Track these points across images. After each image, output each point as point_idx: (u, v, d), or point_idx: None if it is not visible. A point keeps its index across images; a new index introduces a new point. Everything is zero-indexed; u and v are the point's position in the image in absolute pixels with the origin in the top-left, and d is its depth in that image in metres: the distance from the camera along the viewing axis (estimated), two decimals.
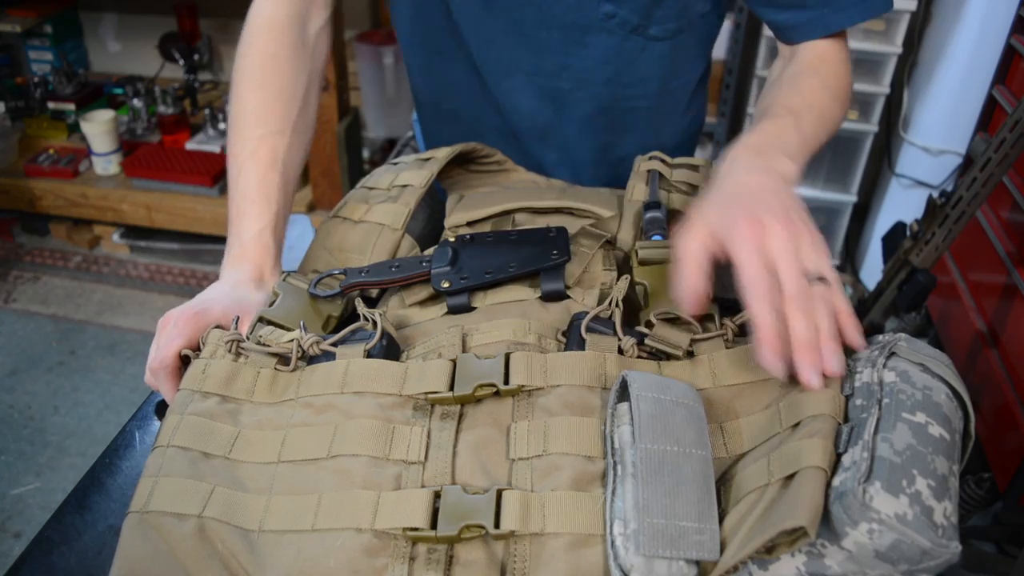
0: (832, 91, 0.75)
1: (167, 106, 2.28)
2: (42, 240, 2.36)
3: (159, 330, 0.63)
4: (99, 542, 0.53)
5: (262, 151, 0.72)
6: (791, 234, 0.52)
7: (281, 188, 0.72)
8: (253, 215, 0.70)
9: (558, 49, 0.82)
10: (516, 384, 0.53)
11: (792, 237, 0.52)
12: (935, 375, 0.49)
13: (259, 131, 0.73)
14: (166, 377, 0.61)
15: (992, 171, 1.22)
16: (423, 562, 0.45)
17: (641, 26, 0.80)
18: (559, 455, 0.49)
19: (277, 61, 0.76)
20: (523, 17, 0.81)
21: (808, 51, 0.77)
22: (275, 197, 0.71)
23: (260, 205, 0.70)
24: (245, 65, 0.76)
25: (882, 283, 1.47)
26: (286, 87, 0.76)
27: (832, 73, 0.76)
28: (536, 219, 0.76)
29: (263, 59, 0.76)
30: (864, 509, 0.42)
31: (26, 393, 1.81)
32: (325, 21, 0.83)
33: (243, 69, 0.76)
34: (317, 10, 0.82)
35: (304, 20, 0.80)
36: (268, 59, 0.76)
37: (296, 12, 0.79)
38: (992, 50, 1.63)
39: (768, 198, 0.56)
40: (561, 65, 0.84)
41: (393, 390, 0.54)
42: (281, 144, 0.73)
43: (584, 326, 0.56)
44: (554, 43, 0.82)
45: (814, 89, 0.73)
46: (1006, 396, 1.32)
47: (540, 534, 0.46)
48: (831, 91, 0.75)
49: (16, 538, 1.49)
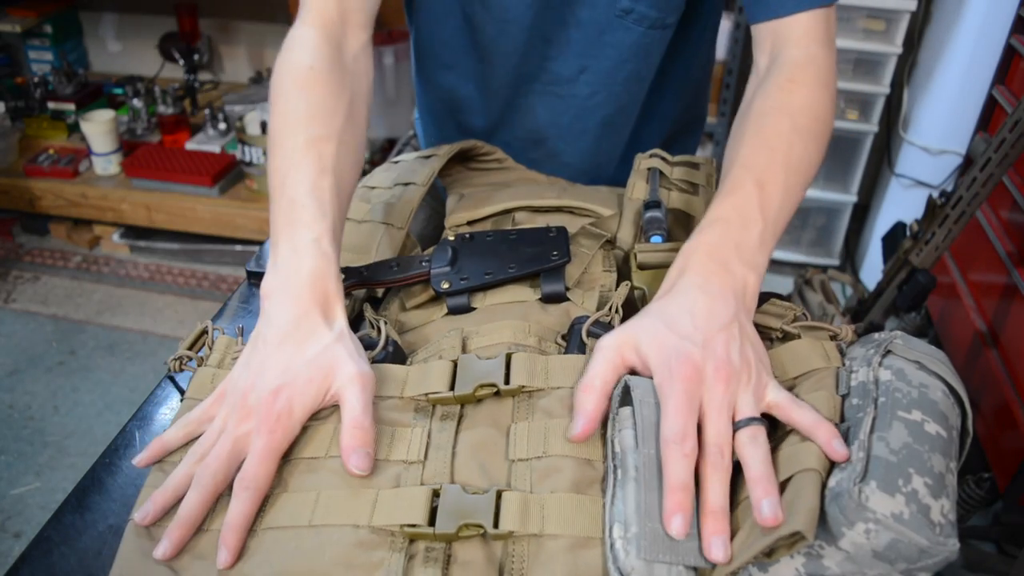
0: (804, 129, 0.66)
1: (167, 106, 2.28)
2: (42, 240, 2.37)
3: (223, 421, 0.51)
4: (99, 542, 0.53)
5: (309, 157, 0.61)
6: (728, 386, 0.48)
7: (335, 195, 0.61)
8: (306, 221, 0.58)
9: (576, 52, 0.82)
10: (517, 384, 0.53)
11: (727, 387, 0.48)
12: (931, 372, 0.49)
13: (301, 137, 0.62)
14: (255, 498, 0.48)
15: (992, 171, 1.22)
16: (421, 560, 0.45)
17: (658, 19, 0.79)
18: (559, 457, 0.49)
19: (313, 73, 0.66)
20: (543, 21, 0.80)
21: (779, 71, 0.69)
22: (329, 202, 0.60)
23: (313, 211, 0.59)
24: (280, 82, 0.67)
25: (882, 283, 1.48)
26: (326, 98, 0.65)
27: (804, 100, 0.67)
28: (536, 218, 0.76)
29: (297, 72, 0.66)
30: (860, 509, 0.42)
31: (26, 393, 1.81)
32: (364, 43, 0.74)
33: (277, 85, 0.67)
34: (353, 31, 0.73)
35: (339, 42, 0.71)
36: (303, 71, 0.66)
37: (330, 34, 0.70)
38: (992, 50, 1.63)
39: (712, 338, 0.51)
40: (579, 68, 0.83)
41: (394, 393, 0.54)
42: (328, 149, 0.62)
43: (585, 331, 0.56)
44: (573, 46, 0.82)
45: (782, 135, 0.64)
46: (1006, 396, 1.32)
47: (539, 535, 0.46)
48: (803, 130, 0.65)
49: (16, 538, 1.49)
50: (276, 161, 0.62)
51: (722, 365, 0.49)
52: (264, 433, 0.49)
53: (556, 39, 0.82)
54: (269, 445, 0.49)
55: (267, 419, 0.49)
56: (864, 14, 1.87)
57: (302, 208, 0.59)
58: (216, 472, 0.49)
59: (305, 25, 0.70)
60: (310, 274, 0.56)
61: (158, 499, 0.49)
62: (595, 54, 0.82)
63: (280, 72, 0.68)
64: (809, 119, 0.66)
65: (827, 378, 0.51)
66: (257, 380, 0.51)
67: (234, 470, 0.49)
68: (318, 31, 0.69)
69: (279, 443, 0.50)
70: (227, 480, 0.49)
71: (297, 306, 0.55)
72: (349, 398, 0.51)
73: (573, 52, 0.82)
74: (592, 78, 0.84)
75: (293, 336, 0.53)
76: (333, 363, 0.52)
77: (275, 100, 0.66)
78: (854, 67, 1.94)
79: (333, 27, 0.71)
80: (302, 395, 0.51)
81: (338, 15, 0.72)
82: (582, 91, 0.85)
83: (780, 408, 0.49)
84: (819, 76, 0.68)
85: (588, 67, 0.83)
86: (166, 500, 0.49)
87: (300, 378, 0.51)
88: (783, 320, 0.57)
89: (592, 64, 0.83)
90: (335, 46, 0.70)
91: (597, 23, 0.80)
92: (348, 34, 0.72)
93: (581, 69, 0.83)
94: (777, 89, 0.67)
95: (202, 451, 0.51)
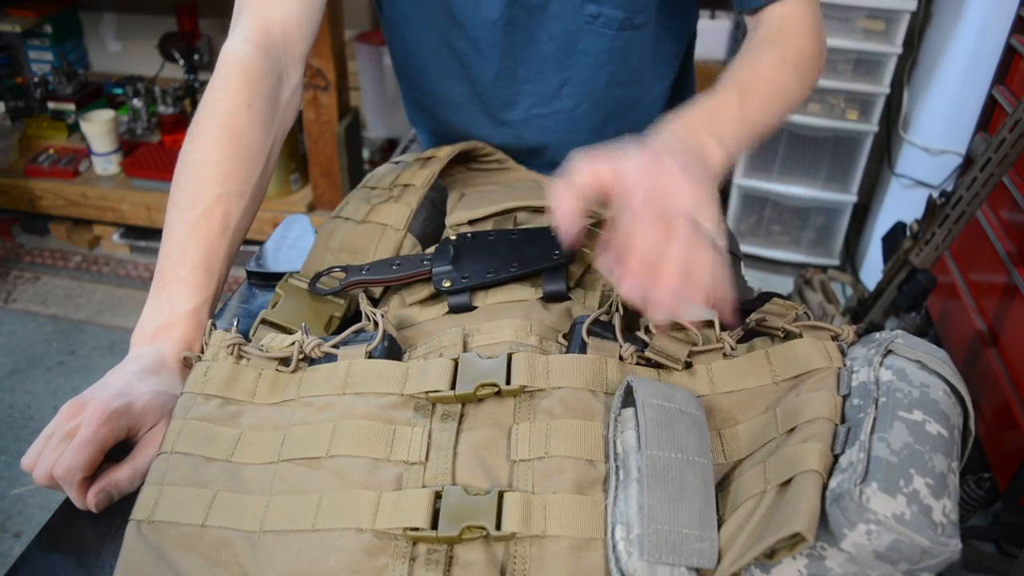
0: (791, 63, 0.71)
1: (167, 106, 2.28)
2: (42, 240, 2.36)
3: (61, 420, 0.54)
4: (99, 542, 0.53)
5: (216, 213, 0.64)
6: (695, 195, 0.53)
7: (227, 259, 0.66)
8: (194, 285, 0.62)
9: (553, 65, 0.83)
10: (518, 385, 0.53)
11: (694, 198, 0.53)
12: (932, 372, 0.49)
13: (218, 190, 0.65)
14: (73, 488, 0.51)
15: (992, 171, 1.22)
16: (423, 562, 0.45)
17: (627, 20, 0.80)
18: (561, 458, 0.49)
19: (251, 113, 0.68)
20: (513, 42, 0.81)
21: (769, 20, 0.74)
22: (219, 269, 0.64)
23: (203, 276, 0.62)
24: (217, 108, 0.68)
25: (882, 283, 1.48)
26: (254, 145, 0.68)
27: (793, 43, 0.73)
28: (538, 218, 0.76)
29: (236, 108, 0.68)
30: (861, 510, 0.42)
31: (26, 393, 1.80)
32: (298, 82, 0.76)
33: (214, 112, 0.68)
34: (292, 68, 0.75)
35: (280, 75, 0.73)
36: (242, 109, 0.68)
37: (272, 64, 0.72)
38: (992, 50, 1.63)
39: (682, 187, 0.54)
40: (560, 82, 0.84)
41: (394, 390, 0.54)
42: (237, 209, 0.66)
43: (586, 329, 0.56)
44: (549, 61, 0.82)
45: (770, 62, 0.70)
46: (1006, 396, 1.32)
47: (541, 536, 0.46)
48: (789, 63, 0.71)
49: (16, 538, 1.49)
50: (188, 198, 0.65)
51: (690, 167, 0.54)
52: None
53: (531, 58, 0.83)
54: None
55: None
56: (864, 14, 1.87)
57: (193, 270, 0.62)
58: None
59: (249, 43, 0.71)
60: (181, 339, 0.60)
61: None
62: (572, 64, 0.82)
63: (216, 99, 0.68)
64: (795, 54, 0.72)
65: (828, 378, 0.51)
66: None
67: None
68: (263, 57, 0.71)
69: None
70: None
71: (160, 358, 0.59)
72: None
73: (550, 68, 0.83)
74: (574, 89, 0.84)
75: (153, 385, 0.57)
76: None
77: (202, 131, 0.67)
78: (854, 67, 1.94)
79: (276, 51, 0.72)
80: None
81: (281, 40, 0.73)
82: (566, 104, 0.85)
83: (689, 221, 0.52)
84: (804, 27, 0.74)
85: (568, 79, 0.84)
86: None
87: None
88: (784, 319, 0.57)
89: (571, 75, 0.83)
90: (276, 76, 0.72)
91: (568, 34, 0.80)
92: (290, 67, 0.74)
93: (562, 83, 0.84)
94: (766, 31, 0.74)
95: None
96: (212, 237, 0.64)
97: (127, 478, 0.53)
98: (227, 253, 0.65)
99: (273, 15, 0.73)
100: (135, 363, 0.58)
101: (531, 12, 0.80)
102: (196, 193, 0.65)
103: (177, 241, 0.63)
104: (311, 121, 2.06)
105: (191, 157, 0.66)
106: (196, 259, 0.63)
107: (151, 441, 0.55)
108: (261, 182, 0.70)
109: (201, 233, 0.63)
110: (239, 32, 0.72)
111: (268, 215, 2.04)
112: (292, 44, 0.74)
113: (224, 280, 0.66)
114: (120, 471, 0.53)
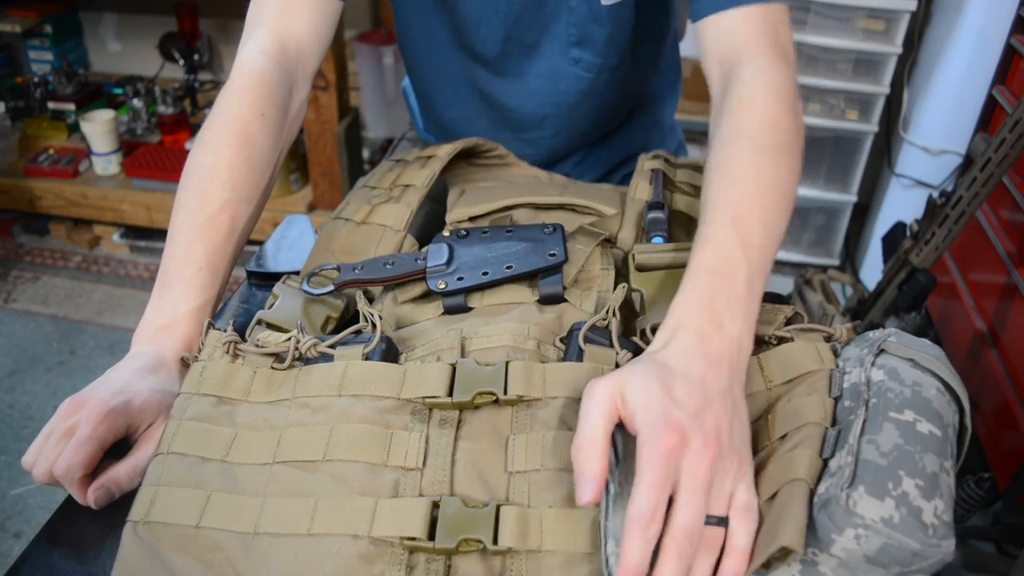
0: (769, 148, 0.61)
1: (167, 106, 2.28)
2: (42, 240, 2.37)
3: (61, 417, 0.54)
4: (99, 542, 0.53)
5: (224, 217, 0.65)
6: (710, 463, 0.44)
7: (231, 263, 0.67)
8: (197, 286, 0.63)
9: (537, 101, 0.87)
10: (515, 395, 0.53)
11: (710, 467, 0.44)
12: (926, 370, 0.48)
13: (227, 194, 0.66)
14: (74, 485, 0.53)
15: (992, 171, 1.22)
16: (421, 571, 0.46)
17: (604, 64, 0.84)
18: (557, 471, 0.49)
19: (264, 122, 0.70)
20: (508, 60, 0.85)
21: (730, 96, 0.65)
22: (223, 271, 0.66)
23: (207, 277, 0.64)
24: (231, 115, 0.69)
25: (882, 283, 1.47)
26: (264, 153, 0.70)
27: (763, 121, 0.63)
28: (538, 215, 0.75)
29: (251, 116, 0.69)
30: (848, 515, 0.42)
31: (26, 393, 1.81)
32: (305, 97, 0.78)
33: (228, 118, 0.69)
34: (302, 83, 0.77)
35: (291, 88, 0.75)
36: (255, 117, 0.69)
37: (286, 78, 0.74)
38: (992, 50, 1.63)
39: (704, 410, 0.46)
40: (540, 117, 0.89)
41: (391, 393, 0.54)
42: (244, 215, 0.67)
43: (582, 337, 0.56)
44: (533, 96, 0.87)
45: (745, 162, 0.60)
46: (1006, 396, 1.32)
47: (537, 551, 0.46)
48: (767, 150, 0.61)
49: (16, 538, 1.49)
50: (197, 199, 0.66)
51: (710, 442, 0.45)
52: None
53: (518, 90, 0.87)
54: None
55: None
56: (864, 14, 1.87)
57: (199, 271, 0.63)
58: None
59: (266, 55, 0.73)
60: (182, 338, 0.61)
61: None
62: (554, 102, 0.88)
63: (231, 105, 0.70)
64: (771, 136, 0.62)
65: (820, 381, 0.51)
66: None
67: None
68: (278, 70, 0.73)
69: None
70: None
71: (160, 357, 0.60)
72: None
73: (534, 102, 0.88)
74: (554, 122, 0.90)
75: (152, 383, 0.58)
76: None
77: (214, 136, 0.68)
78: (854, 67, 1.94)
79: (290, 66, 0.75)
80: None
81: (296, 56, 0.75)
82: (546, 133, 0.91)
83: (738, 513, 0.46)
84: (771, 88, 0.64)
85: (548, 115, 0.89)
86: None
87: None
88: (773, 325, 0.57)
89: (551, 112, 0.88)
90: (288, 89, 0.74)
91: (553, 73, 0.85)
92: (300, 82, 0.76)
93: (542, 117, 0.89)
94: (731, 115, 0.63)
95: None
96: (218, 240, 0.65)
97: (127, 475, 0.54)
98: (231, 257, 0.67)
99: (289, 31, 0.75)
100: (134, 361, 0.59)
101: (523, 49, 0.84)
102: (205, 196, 0.65)
103: (183, 242, 0.64)
104: (311, 121, 2.06)
105: (202, 160, 0.67)
106: (201, 260, 0.64)
107: (150, 438, 0.55)
108: (267, 191, 0.72)
109: (208, 235, 0.64)
110: (255, 44, 0.74)
111: (268, 215, 2.04)
112: (305, 60, 0.77)
113: (227, 283, 0.67)
114: (120, 468, 0.54)
